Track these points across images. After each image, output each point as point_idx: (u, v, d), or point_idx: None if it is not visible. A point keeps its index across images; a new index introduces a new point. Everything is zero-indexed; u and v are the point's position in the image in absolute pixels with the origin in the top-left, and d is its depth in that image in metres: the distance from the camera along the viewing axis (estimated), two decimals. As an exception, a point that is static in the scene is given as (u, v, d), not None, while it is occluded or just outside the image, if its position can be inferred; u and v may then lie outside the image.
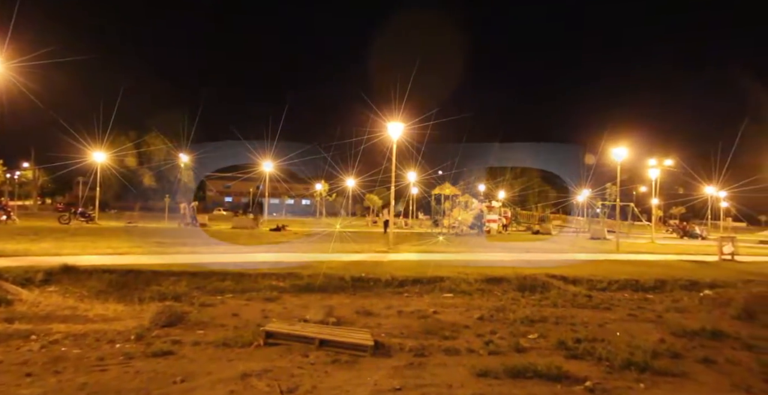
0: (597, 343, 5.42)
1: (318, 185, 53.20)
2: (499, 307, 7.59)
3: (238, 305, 7.42)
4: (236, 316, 6.64)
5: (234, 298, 7.91)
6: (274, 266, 10.16)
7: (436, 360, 4.87)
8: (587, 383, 4.21)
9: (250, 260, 11.38)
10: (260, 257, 12.33)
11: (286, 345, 5.18)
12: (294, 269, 9.75)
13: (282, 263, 10.91)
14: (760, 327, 6.58)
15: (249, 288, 8.42)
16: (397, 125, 16.36)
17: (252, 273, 9.27)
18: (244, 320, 6.41)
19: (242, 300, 7.80)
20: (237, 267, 9.81)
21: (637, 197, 45.79)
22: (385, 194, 42.36)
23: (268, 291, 8.25)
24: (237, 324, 6.18)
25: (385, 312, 7.19)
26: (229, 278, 8.88)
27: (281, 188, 57.65)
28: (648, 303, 8.43)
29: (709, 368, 4.79)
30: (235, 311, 6.93)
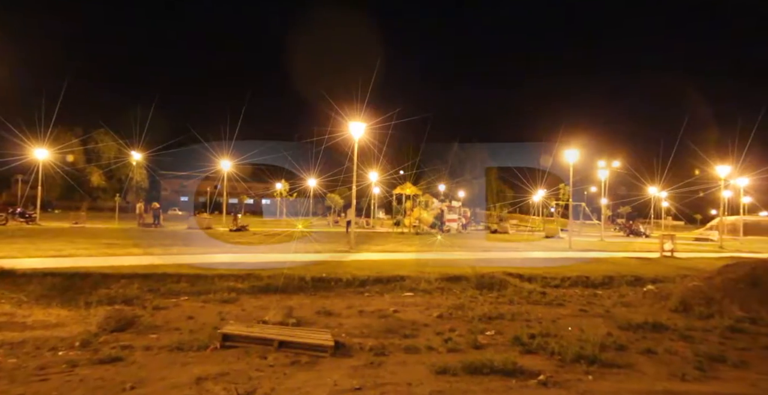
0: (550, 338, 5.62)
1: (278, 185, 52.35)
2: (458, 305, 7.73)
3: (193, 307, 7.18)
4: (192, 319, 6.42)
5: (189, 300, 7.65)
6: (232, 267, 9.91)
7: (396, 359, 4.91)
8: (540, 377, 4.36)
9: (207, 261, 11.05)
10: (218, 257, 11.99)
11: (244, 347, 5.06)
12: (253, 270, 9.55)
13: (241, 263, 10.66)
14: (695, 318, 7.04)
15: (205, 290, 8.17)
16: (358, 124, 16.35)
17: (209, 274, 9.01)
18: (200, 323, 6.22)
19: (198, 302, 7.56)
20: (193, 269, 9.50)
21: (588, 197, 47.96)
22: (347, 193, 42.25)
23: (225, 293, 8.04)
24: (192, 327, 5.99)
25: (346, 311, 7.17)
26: (185, 280, 8.58)
27: (240, 188, 56.26)
28: (597, 299, 8.83)
29: (651, 358, 5.08)
30: (190, 313, 6.71)
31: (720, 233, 27.21)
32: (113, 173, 52.36)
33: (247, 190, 61.68)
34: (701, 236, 30.14)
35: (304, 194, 48.51)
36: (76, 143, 46.48)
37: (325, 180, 45.40)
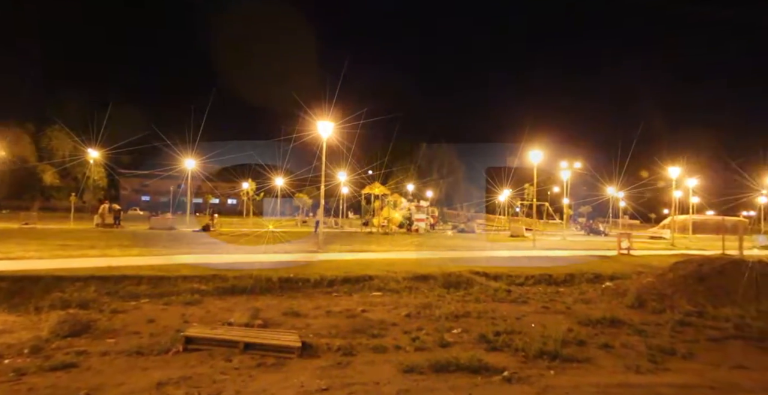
0: (514, 335, 5.77)
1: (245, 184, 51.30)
2: (426, 304, 7.81)
3: (154, 310, 6.95)
4: (152, 322, 6.21)
5: (150, 303, 7.40)
6: (196, 268, 9.64)
7: (363, 359, 4.91)
8: (505, 373, 4.47)
9: (170, 262, 10.70)
10: (182, 258, 11.63)
11: (207, 350, 4.94)
12: (218, 271, 9.33)
13: (205, 264, 10.39)
14: (649, 313, 7.39)
15: (168, 292, 7.92)
16: (326, 123, 16.25)
17: (171, 276, 8.73)
18: (161, 326, 6.02)
19: (160, 304, 7.32)
20: (154, 270, 9.18)
21: (551, 197, 49.43)
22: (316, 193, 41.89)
23: (189, 295, 7.82)
24: (153, 330, 5.79)
25: (314, 312, 7.12)
26: (145, 282, 8.29)
27: (205, 187, 54.78)
28: (559, 296, 9.12)
29: (608, 352, 5.30)
30: (151, 317, 6.49)
31: (672, 232, 28.64)
32: (68, 172, 49.88)
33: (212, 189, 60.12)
34: (655, 235, 31.63)
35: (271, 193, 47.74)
36: (26, 140, 44.00)
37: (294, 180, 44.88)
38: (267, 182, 45.43)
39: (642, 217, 57.10)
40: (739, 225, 26.40)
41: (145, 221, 30.95)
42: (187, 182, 30.60)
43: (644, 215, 57.28)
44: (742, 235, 19.07)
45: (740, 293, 7.71)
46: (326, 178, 17.03)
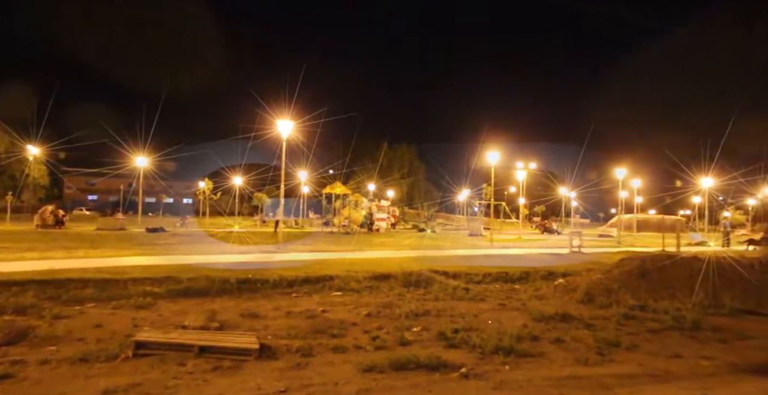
0: (472, 332, 5.90)
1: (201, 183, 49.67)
2: (386, 303, 7.86)
3: (102, 315, 6.61)
4: (99, 327, 5.91)
5: (97, 307, 7.03)
6: (148, 270, 9.25)
7: (323, 359, 4.88)
8: (462, 369, 4.57)
9: (120, 264, 10.22)
10: (133, 260, 11.12)
11: (160, 355, 4.75)
12: (172, 273, 8.99)
13: (158, 266, 9.99)
14: (597, 307, 7.77)
15: (117, 296, 7.55)
16: (286, 122, 16.00)
17: (120, 279, 8.33)
18: (109, 331, 5.74)
19: (108, 309, 6.97)
20: (101, 273, 8.74)
21: (508, 197, 50.93)
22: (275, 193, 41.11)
23: (140, 298, 7.48)
24: (100, 336, 5.51)
25: (273, 313, 7.00)
26: (92, 286, 7.87)
27: (158, 186, 52.56)
28: (515, 293, 9.41)
29: (560, 346, 5.52)
30: (98, 322, 6.16)
31: (618, 230, 30.22)
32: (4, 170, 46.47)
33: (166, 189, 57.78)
34: (603, 233, 33.24)
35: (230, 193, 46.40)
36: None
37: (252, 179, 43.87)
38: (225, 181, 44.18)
39: (592, 216, 59.92)
40: (677, 223, 28.21)
41: (92, 221, 29.34)
42: (139, 180, 29.27)
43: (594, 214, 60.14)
44: (680, 233, 20.38)
45: (677, 287, 8.24)
46: (287, 177, 16.77)
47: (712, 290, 8.02)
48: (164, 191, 58.71)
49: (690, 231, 30.11)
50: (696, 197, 35.51)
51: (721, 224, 26.63)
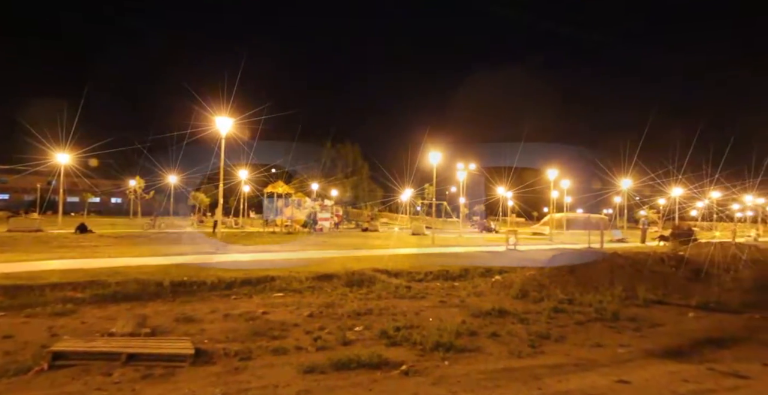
0: (413, 330, 6.02)
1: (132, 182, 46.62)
2: (329, 303, 7.82)
3: (12, 324, 6.03)
4: (9, 338, 5.39)
5: (7, 317, 6.40)
6: (69, 274, 8.56)
7: (263, 362, 4.77)
8: (403, 367, 4.65)
9: (35, 268, 9.37)
10: (51, 264, 10.24)
11: (82, 365, 4.42)
12: (97, 277, 8.39)
13: (82, 270, 9.27)
14: (531, 302, 8.21)
15: (31, 303, 6.93)
16: (225, 119, 15.43)
17: (35, 284, 7.65)
18: (21, 342, 5.25)
19: (20, 317, 6.37)
20: (11, 279, 7.97)
21: (449, 197, 52.37)
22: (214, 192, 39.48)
23: (59, 304, 6.91)
24: (10, 347, 5.03)
25: (210, 316, 6.74)
26: (0, 293, 7.15)
27: (83, 185, 48.65)
28: (455, 290, 9.70)
29: (496, 341, 5.78)
30: (7, 332, 5.62)
31: (550, 228, 32.06)
32: None
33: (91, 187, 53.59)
34: (537, 231, 35.13)
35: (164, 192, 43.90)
36: None
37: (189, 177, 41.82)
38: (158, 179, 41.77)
39: (526, 215, 63.07)
40: (601, 222, 30.44)
41: (2, 222, 26.63)
42: (60, 178, 26.95)
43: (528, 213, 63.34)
44: (603, 230, 21.99)
45: (601, 281, 8.91)
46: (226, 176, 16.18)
47: (629, 283, 8.74)
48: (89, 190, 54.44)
49: (612, 229, 32.55)
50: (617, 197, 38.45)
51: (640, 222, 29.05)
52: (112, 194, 61.23)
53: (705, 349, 5.64)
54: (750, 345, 5.92)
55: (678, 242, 16.85)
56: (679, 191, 32.36)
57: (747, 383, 4.39)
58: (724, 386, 4.29)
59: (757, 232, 36.07)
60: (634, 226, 37.63)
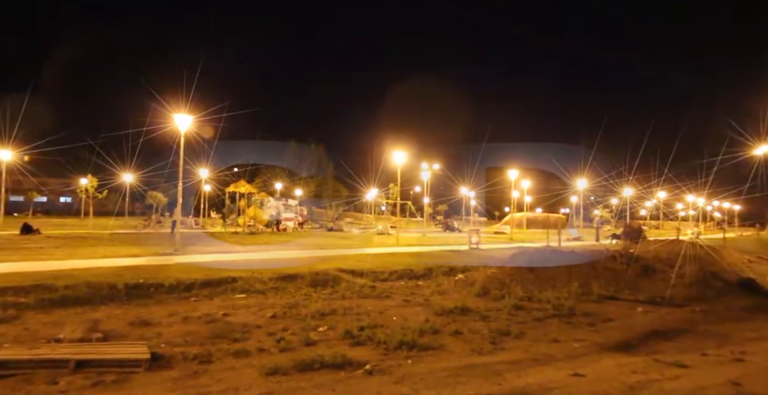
0: (377, 329, 6.04)
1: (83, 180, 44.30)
2: (292, 304, 7.73)
3: (-51, 333, 5.61)
4: (-54, 348, 5.01)
5: (-57, 325, 5.95)
6: (9, 278, 8.05)
7: (223, 365, 4.66)
8: (367, 366, 4.66)
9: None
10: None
11: (25, 374, 4.17)
12: (43, 280, 7.93)
13: (25, 273, 8.73)
14: (492, 300, 8.40)
15: (-32, 310, 6.46)
16: (184, 117, 14.92)
17: (-25, 290, 7.14)
18: (-42, 352, 4.88)
19: (-44, 325, 5.94)
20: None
21: (414, 196, 52.85)
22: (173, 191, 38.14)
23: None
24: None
25: (168, 319, 6.51)
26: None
27: (28, 183, 45.75)
28: (419, 289, 9.80)
29: (458, 338, 5.89)
30: (-57, 341, 5.22)
31: (511, 227, 32.93)
32: None
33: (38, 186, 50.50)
34: (498, 230, 36.01)
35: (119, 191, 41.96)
36: None
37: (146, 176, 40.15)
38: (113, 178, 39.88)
39: (488, 214, 64.50)
40: (558, 221, 31.57)
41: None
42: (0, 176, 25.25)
43: (490, 212, 64.80)
44: (560, 229, 22.80)
45: (558, 278, 9.24)
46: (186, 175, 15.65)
47: (584, 280, 9.11)
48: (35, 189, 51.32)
49: (569, 228, 33.82)
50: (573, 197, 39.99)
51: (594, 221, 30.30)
52: (62, 193, 57.99)
53: (651, 341, 5.96)
54: (691, 336, 6.31)
55: (629, 241, 17.70)
56: (630, 191, 34.00)
57: (687, 372, 4.67)
58: (668, 375, 4.55)
59: (698, 230, 38.41)
60: (589, 225, 39.22)
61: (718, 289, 8.86)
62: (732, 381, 4.40)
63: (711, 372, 4.69)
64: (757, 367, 4.90)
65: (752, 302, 8.45)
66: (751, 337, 6.24)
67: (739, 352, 5.42)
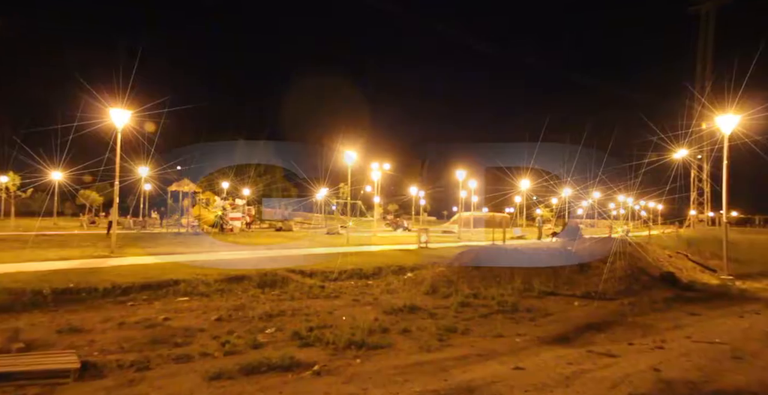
0: (326, 329, 6.00)
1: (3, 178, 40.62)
2: (239, 306, 7.53)
3: None
4: None
5: None
6: None
7: (163, 371, 4.45)
8: (315, 367, 4.62)
9: None
10: None
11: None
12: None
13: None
14: (440, 298, 8.60)
15: None
16: (121, 111, 14.05)
17: None
18: None
19: None
20: None
21: (364, 196, 52.91)
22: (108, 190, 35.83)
23: None
24: None
25: (102, 326, 6.13)
26: None
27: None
28: (368, 288, 9.84)
29: (407, 336, 5.97)
30: None
31: (459, 226, 33.81)
32: None
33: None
34: (447, 229, 36.79)
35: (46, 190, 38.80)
36: None
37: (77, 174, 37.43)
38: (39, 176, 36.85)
39: (437, 214, 65.86)
40: (503, 220, 32.80)
41: None
42: None
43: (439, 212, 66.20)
44: (505, 228, 23.69)
45: (502, 275, 9.61)
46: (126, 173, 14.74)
47: (527, 276, 9.53)
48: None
49: (513, 227, 35.18)
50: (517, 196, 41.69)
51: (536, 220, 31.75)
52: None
53: (586, 334, 6.34)
54: (620, 327, 6.77)
55: (567, 238, 18.71)
56: (569, 191, 35.94)
57: (616, 361, 5.02)
58: (599, 365, 4.87)
59: (628, 228, 41.23)
60: (532, 224, 41.04)
61: (644, 283, 9.56)
62: (653, 367, 4.77)
63: (636, 360, 5.06)
64: (674, 353, 5.35)
65: (672, 293, 9.21)
66: (670, 326, 6.79)
67: (660, 340, 5.89)
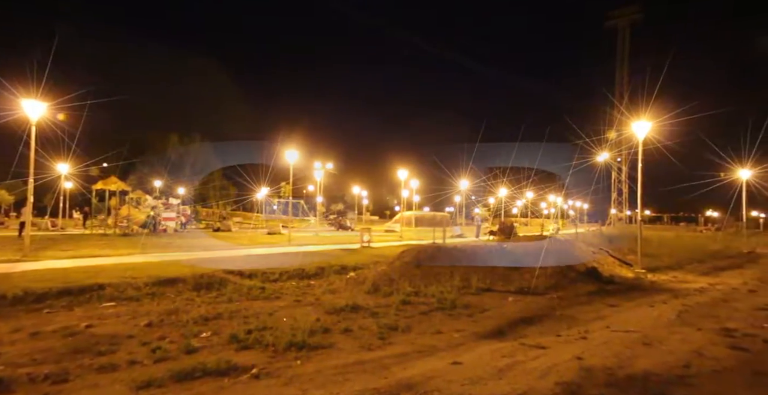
0: (266, 331, 5.85)
1: None
2: (172, 310, 7.16)
3: None
4: None
5: None
6: None
7: (84, 383, 4.14)
8: (253, 370, 4.50)
9: None
10: None
11: None
12: None
13: None
14: (382, 296, 8.67)
15: None
16: (35, 103, 12.86)
17: None
18: None
19: None
20: None
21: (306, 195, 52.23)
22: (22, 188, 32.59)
23: None
24: None
25: (10, 336, 5.58)
26: None
27: None
28: (310, 289, 9.72)
29: (348, 336, 5.97)
30: None
31: (401, 226, 34.31)
32: None
33: None
34: (389, 228, 37.21)
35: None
36: None
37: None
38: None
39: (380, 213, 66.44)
40: (444, 219, 33.71)
41: None
42: None
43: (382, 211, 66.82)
44: (445, 227, 24.37)
45: (442, 273, 9.87)
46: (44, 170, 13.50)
47: (465, 274, 9.86)
48: None
49: (453, 226, 36.24)
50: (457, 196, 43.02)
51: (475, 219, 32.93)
52: None
53: (519, 327, 6.68)
54: (549, 320, 7.20)
55: (503, 236, 19.59)
56: (505, 191, 37.62)
57: (545, 352, 5.34)
58: (530, 356, 5.15)
59: (558, 226, 43.88)
60: (471, 222, 42.50)
61: (571, 278, 10.21)
62: (577, 356, 5.12)
63: (562, 350, 5.41)
64: (595, 342, 5.79)
65: (595, 287, 9.93)
66: (592, 318, 7.32)
67: (584, 331, 6.33)
